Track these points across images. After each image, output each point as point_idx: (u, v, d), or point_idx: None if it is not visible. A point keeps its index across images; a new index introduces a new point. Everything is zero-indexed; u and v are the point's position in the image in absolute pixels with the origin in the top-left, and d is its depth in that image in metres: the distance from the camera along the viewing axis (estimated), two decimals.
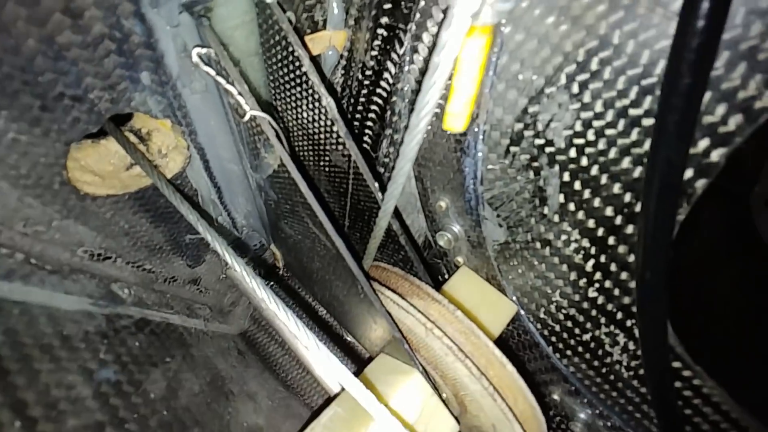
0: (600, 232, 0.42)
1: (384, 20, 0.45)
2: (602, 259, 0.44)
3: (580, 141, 0.38)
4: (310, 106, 0.45)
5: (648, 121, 0.34)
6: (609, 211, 0.40)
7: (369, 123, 0.57)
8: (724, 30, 0.28)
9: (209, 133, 0.50)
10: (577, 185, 0.41)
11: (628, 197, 0.38)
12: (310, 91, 0.43)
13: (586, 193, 0.41)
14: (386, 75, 0.49)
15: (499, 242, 0.53)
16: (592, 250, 0.44)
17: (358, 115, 0.58)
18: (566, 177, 0.42)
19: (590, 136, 0.38)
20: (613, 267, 0.43)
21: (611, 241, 0.42)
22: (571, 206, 0.43)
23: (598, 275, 0.45)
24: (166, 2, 0.35)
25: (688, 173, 0.33)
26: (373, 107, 0.54)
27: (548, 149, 0.41)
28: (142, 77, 0.39)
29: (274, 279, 0.94)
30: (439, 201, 0.54)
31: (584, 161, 0.39)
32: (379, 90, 0.52)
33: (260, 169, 0.48)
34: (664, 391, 0.44)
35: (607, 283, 0.45)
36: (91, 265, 0.47)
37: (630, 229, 0.40)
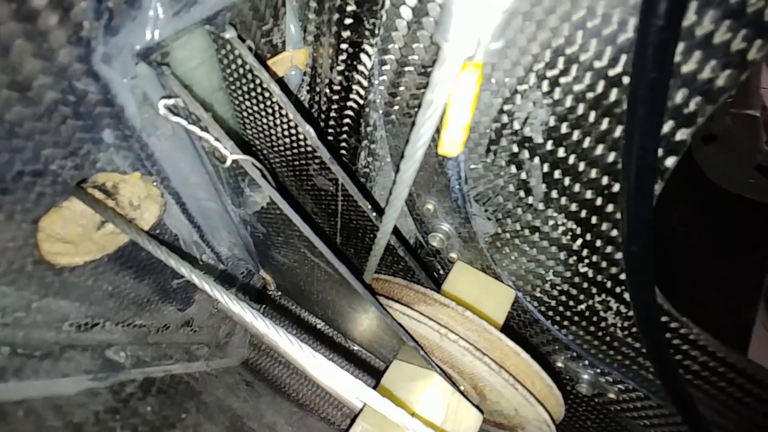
0: (583, 213, 0.45)
1: (347, 36, 0.44)
2: (588, 237, 0.47)
3: (556, 134, 0.40)
4: (285, 133, 0.44)
5: (617, 110, 0.36)
6: (589, 194, 0.43)
7: (344, 137, 0.56)
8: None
9: (182, 177, 0.47)
10: (558, 174, 0.43)
11: (605, 180, 0.41)
12: (285, 119, 0.42)
13: (567, 181, 0.43)
14: (356, 88, 0.49)
15: (490, 234, 0.54)
16: (578, 231, 0.47)
17: (330, 130, 0.57)
18: (546, 168, 0.43)
19: (564, 129, 0.39)
20: (598, 243, 0.46)
21: (594, 220, 0.45)
22: (554, 194, 0.45)
23: (586, 252, 0.48)
24: (119, 55, 0.33)
25: (659, 153, 0.36)
26: (346, 121, 0.54)
27: (527, 144, 0.43)
28: (104, 136, 0.36)
29: (266, 302, 0.92)
30: (426, 204, 0.55)
31: (561, 152, 0.41)
32: (350, 103, 0.51)
33: (245, 206, 0.46)
34: (658, 344, 0.48)
35: (595, 258, 0.48)
36: (79, 336, 0.44)
37: (610, 207, 0.43)
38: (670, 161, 0.36)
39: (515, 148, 0.44)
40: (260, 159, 0.53)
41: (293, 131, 0.42)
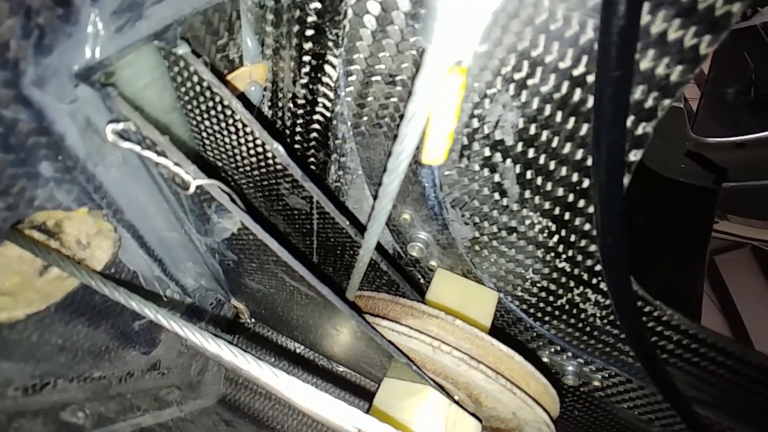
0: (557, 210, 0.46)
1: (309, 48, 0.42)
2: (563, 233, 0.48)
3: (526, 135, 0.41)
4: (252, 153, 0.41)
5: (583, 108, 0.37)
6: (562, 192, 0.44)
7: (312, 152, 0.54)
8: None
9: (138, 207, 0.43)
10: (530, 174, 0.44)
11: (576, 177, 0.42)
12: (250, 138, 0.39)
13: (539, 180, 0.44)
14: (322, 101, 0.47)
15: (469, 239, 0.54)
16: (553, 228, 0.48)
17: (297, 146, 0.55)
18: (519, 169, 0.44)
19: (534, 130, 0.40)
20: (573, 238, 0.48)
21: (568, 216, 0.46)
22: (528, 194, 0.46)
23: (562, 247, 0.49)
24: (54, 77, 0.29)
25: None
26: (313, 135, 0.52)
27: (499, 147, 0.43)
28: (41, 169, 0.32)
29: (239, 331, 0.86)
30: (402, 215, 0.54)
31: (532, 153, 0.42)
32: (316, 117, 0.49)
33: (212, 233, 0.43)
34: (636, 329, 0.50)
35: (571, 252, 0.49)
36: (28, 401, 0.38)
37: (582, 203, 0.44)
38: (636, 154, 0.38)
39: (488, 152, 0.44)
40: (226, 181, 0.49)
41: (260, 150, 0.39)
